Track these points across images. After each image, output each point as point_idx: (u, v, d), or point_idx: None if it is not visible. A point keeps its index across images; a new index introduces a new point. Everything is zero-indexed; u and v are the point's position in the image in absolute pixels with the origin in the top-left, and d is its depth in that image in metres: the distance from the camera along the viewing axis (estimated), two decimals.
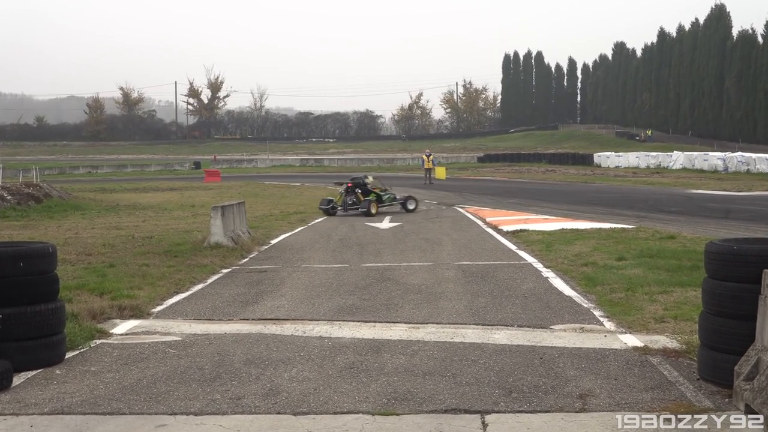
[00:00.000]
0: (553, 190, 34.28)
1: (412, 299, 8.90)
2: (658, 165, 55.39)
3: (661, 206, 23.07)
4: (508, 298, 8.87)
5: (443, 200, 27.90)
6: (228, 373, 5.99)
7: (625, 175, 47.64)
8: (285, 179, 50.34)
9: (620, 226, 16.48)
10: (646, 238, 14.07)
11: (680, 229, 15.95)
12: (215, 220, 13.83)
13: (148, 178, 58.40)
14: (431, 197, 29.61)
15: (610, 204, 24.17)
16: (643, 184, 37.73)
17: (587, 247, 12.95)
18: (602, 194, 30.14)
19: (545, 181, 43.72)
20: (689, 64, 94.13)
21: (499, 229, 16.86)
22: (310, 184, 42.82)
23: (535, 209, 22.68)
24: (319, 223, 20.09)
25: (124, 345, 6.92)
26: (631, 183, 39.39)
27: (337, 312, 8.27)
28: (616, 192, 31.63)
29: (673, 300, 8.25)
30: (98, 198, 30.10)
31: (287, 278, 10.67)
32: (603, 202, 24.87)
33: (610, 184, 39.25)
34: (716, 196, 28.51)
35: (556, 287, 9.50)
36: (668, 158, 55.06)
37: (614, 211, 21.36)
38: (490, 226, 17.79)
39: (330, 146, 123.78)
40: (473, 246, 14.11)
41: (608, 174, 49.93)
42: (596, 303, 8.44)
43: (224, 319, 8.04)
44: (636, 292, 8.75)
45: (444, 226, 18.41)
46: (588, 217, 19.62)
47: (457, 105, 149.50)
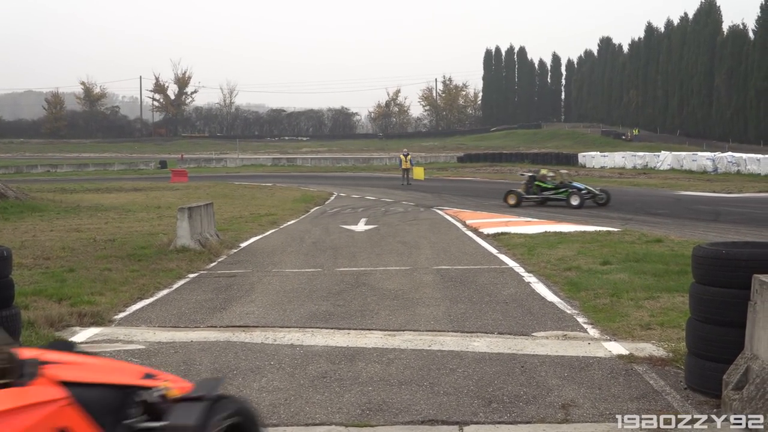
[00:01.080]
0: None
1: (388, 305, 8.90)
2: (645, 165, 55.85)
3: (648, 208, 23.27)
4: (488, 304, 8.90)
5: (421, 202, 27.95)
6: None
7: (611, 176, 47.97)
8: (256, 179, 50.15)
9: (605, 228, 16.60)
10: (632, 241, 14.18)
11: (667, 232, 16.11)
12: (182, 222, 13.75)
13: (111, 177, 57.94)
14: (409, 198, 29.65)
15: (595, 206, 24.33)
16: (630, 185, 38.04)
17: (571, 250, 13.04)
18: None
19: None
20: (678, 60, 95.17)
21: (480, 232, 16.92)
22: (282, 184, 42.70)
23: (517, 211, 22.78)
24: (292, 225, 20.05)
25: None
26: (617, 184, 39.64)
27: (310, 319, 8.25)
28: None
29: (660, 306, 8.32)
30: (57, 199, 29.80)
31: (257, 283, 10.64)
32: (588, 204, 25.02)
33: (595, 185, 39.40)
34: (705, 197, 28.82)
35: (539, 293, 9.55)
36: (656, 158, 55.55)
37: (600, 214, 21.50)
38: (470, 229, 17.85)
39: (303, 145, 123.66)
40: (452, 249, 14.15)
41: (593, 175, 50.22)
42: (580, 309, 8.49)
43: (191, 326, 7.99)
44: (621, 297, 8.81)
45: (422, 228, 18.43)
46: (572, 219, 19.73)
47: (437, 102, 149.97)
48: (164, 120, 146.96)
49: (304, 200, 29.13)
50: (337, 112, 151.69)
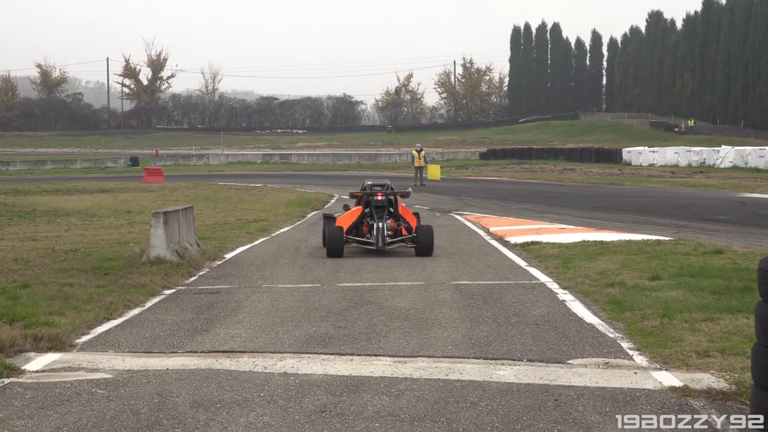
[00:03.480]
0: (572, 193, 34.46)
1: (398, 327, 8.92)
2: (703, 163, 55.78)
3: (706, 214, 23.24)
4: (515, 325, 8.91)
5: (437, 205, 27.97)
6: (170, 418, 5.96)
7: (662, 175, 47.94)
8: (243, 179, 50.28)
9: (655, 237, 16.59)
10: (687, 252, 14.16)
11: (729, 241, 16.10)
12: (156, 229, 13.79)
13: (72, 177, 58.17)
14: (423, 202, 29.65)
15: (643, 210, 24.30)
16: (684, 186, 38.00)
17: (614, 263, 13.03)
18: (633, 198, 30.31)
19: (562, 183, 43.92)
20: (742, 38, 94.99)
21: (506, 241, 16.94)
22: (274, 185, 42.82)
23: (549, 217, 22.80)
24: (285, 233, 20.08)
25: (40, 385, 6.88)
26: (668, 185, 39.64)
27: (306, 343, 8.26)
28: (650, 196, 31.83)
29: (720, 329, 8.31)
30: (9, 202, 29.93)
31: (245, 301, 10.66)
32: (634, 209, 25.01)
33: (642, 186, 39.50)
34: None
35: (575, 313, 9.57)
36: (715, 154, 55.45)
37: (648, 220, 21.48)
38: (494, 237, 17.89)
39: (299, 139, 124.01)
40: (474, 261, 14.18)
41: (640, 174, 50.23)
42: (624, 332, 8.49)
43: (166, 352, 8.01)
44: (674, 319, 8.79)
45: (438, 237, 18.33)
46: (615, 226, 19.71)
47: (455, 89, 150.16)
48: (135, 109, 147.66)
49: (300, 204, 29.19)
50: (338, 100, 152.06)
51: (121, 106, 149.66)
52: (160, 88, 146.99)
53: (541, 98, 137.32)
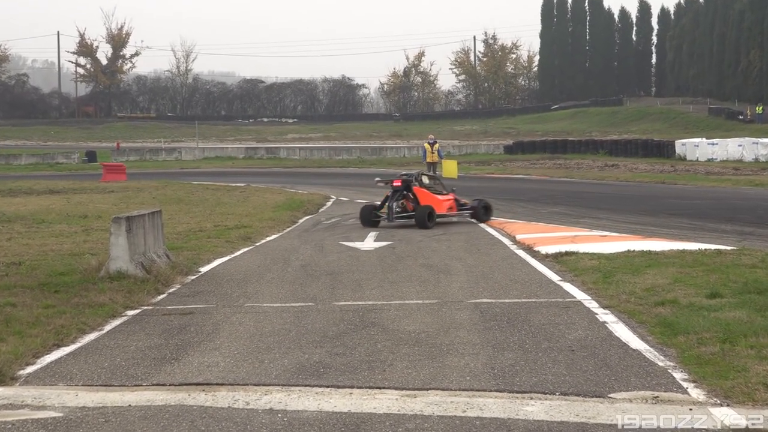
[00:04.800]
0: (615, 194, 34.39)
1: (406, 354, 8.93)
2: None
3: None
4: (546, 352, 8.91)
5: None
6: None
7: (723, 173, 47.85)
8: (222, 177, 50.31)
9: (714, 247, 16.55)
10: (753, 265, 14.12)
11: None
12: (117, 237, 13.79)
13: (16, 174, 58.26)
14: None
15: (700, 215, 24.27)
16: (750, 186, 37.91)
17: (664, 277, 13.01)
18: (688, 200, 30.25)
19: (603, 181, 43.85)
20: None
21: (535, 251, 16.95)
22: (259, 184, 42.79)
23: (588, 222, 22.82)
24: (272, 242, 20.10)
25: None
26: (730, 184, 39.55)
27: (297, 373, 8.27)
28: (709, 197, 31.77)
29: None
30: None
31: (223, 323, 10.68)
32: (689, 212, 24.96)
33: (699, 185, 39.41)
34: None
35: (618, 336, 9.56)
36: None
37: (705, 226, 21.47)
38: (521, 247, 17.91)
39: (289, 129, 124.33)
40: (496, 276, 14.18)
41: (697, 170, 50.11)
42: (677, 360, 8.47)
43: (128, 385, 8.01)
44: (737, 344, 8.77)
45: (454, 246, 18.49)
46: (666, 233, 19.71)
47: (475, 69, 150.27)
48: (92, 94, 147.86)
49: (290, 207, 29.19)
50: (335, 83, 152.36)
51: (75, 90, 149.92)
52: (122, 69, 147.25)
53: (578, 81, 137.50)
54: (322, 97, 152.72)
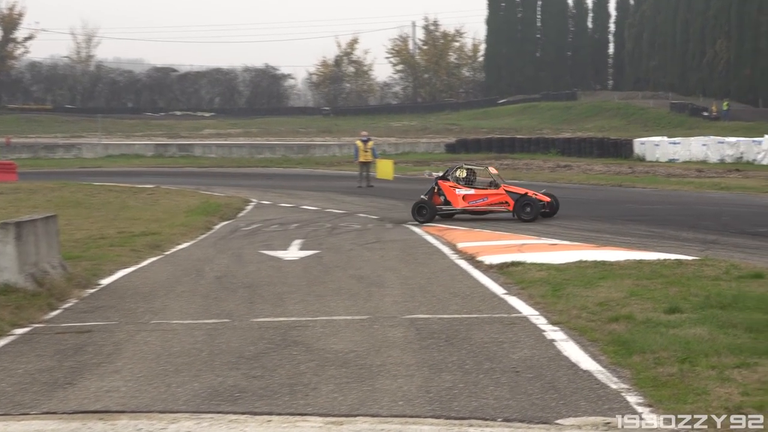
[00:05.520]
0: (568, 198, 34.52)
1: (332, 376, 8.92)
2: (740, 158, 56.32)
3: (743, 225, 23.44)
4: (488, 373, 8.95)
5: (389, 214, 28.01)
6: None
7: (686, 175, 48.35)
8: (129, 178, 49.86)
9: (674, 256, 16.70)
10: (716, 276, 14.29)
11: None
12: (5, 245, 13.62)
13: None
14: (369, 208, 29.85)
15: (660, 221, 24.49)
16: (714, 189, 38.26)
17: (620, 290, 13.12)
18: (647, 205, 30.54)
19: (555, 184, 43.98)
20: None
21: (478, 262, 16.99)
22: (171, 186, 42.47)
23: (536, 229, 22.95)
24: (184, 250, 19.99)
25: None
26: (693, 187, 39.92)
27: (209, 398, 8.24)
28: (670, 202, 32.10)
29: (758, 378, 8.40)
30: None
31: (126, 343, 10.60)
32: (648, 219, 25.19)
33: (659, 188, 39.79)
34: None
35: (568, 356, 9.63)
36: (756, 147, 56.00)
37: (665, 233, 21.68)
38: (462, 257, 17.93)
39: (206, 124, 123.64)
40: (435, 289, 14.19)
41: (657, 172, 50.59)
42: (632, 382, 8.54)
43: (14, 414, 7.92)
44: (697, 364, 8.88)
45: (389, 255, 18.51)
46: (622, 241, 19.91)
47: (414, 59, 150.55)
48: None
49: (206, 211, 29.02)
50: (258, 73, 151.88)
51: None
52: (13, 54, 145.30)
53: (528, 72, 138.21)
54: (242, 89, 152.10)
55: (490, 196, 25.92)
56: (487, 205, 25.99)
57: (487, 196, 25.96)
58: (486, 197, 25.96)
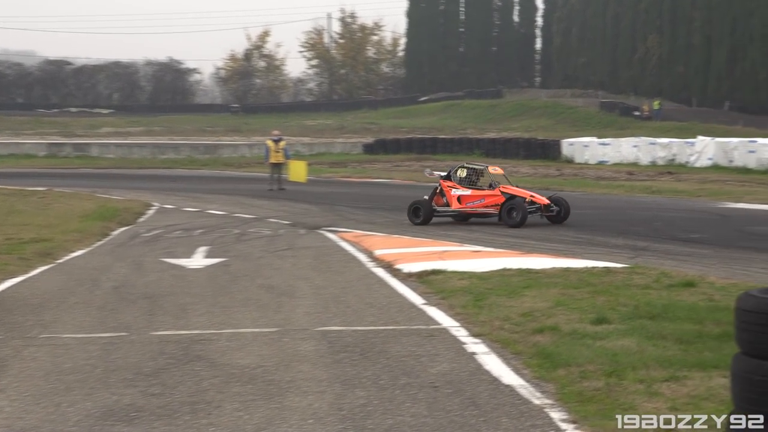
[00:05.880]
0: None
1: (237, 393, 8.87)
2: (672, 160, 56.94)
3: (675, 231, 23.76)
4: (405, 389, 8.95)
5: (302, 219, 27.94)
6: None
7: (616, 177, 48.82)
8: (17, 179, 49.21)
9: (603, 264, 16.88)
10: (646, 285, 14.45)
11: (705, 270, 16.48)
12: None
13: None
14: (281, 213, 29.77)
15: (588, 227, 24.76)
16: (645, 193, 38.69)
17: (545, 300, 13.21)
18: (575, 210, 30.63)
19: None
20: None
21: (396, 270, 17.01)
22: (64, 189, 41.97)
23: (459, 235, 23.08)
24: (78, 258, 19.78)
25: None
26: (624, 190, 40.30)
27: (103, 419, 8.15)
28: (599, 206, 32.39)
29: (688, 392, 8.47)
30: None
31: (12, 359, 10.44)
32: (575, 224, 25.40)
33: (588, 191, 40.13)
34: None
35: (489, 370, 9.65)
36: (689, 148, 56.66)
37: (594, 239, 21.91)
38: (380, 264, 17.96)
39: (104, 122, 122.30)
40: (349, 299, 14.20)
41: (586, 175, 51.08)
42: (556, 397, 8.59)
43: None
44: (624, 378, 8.95)
45: (301, 263, 18.51)
46: (548, 248, 20.07)
47: (330, 53, 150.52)
48: None
49: (103, 216, 28.72)
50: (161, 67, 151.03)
51: None
52: None
53: (451, 68, 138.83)
54: (144, 84, 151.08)
55: (487, 198, 25.96)
56: (484, 207, 26.06)
57: (483, 198, 26.07)
58: (483, 199, 26.06)
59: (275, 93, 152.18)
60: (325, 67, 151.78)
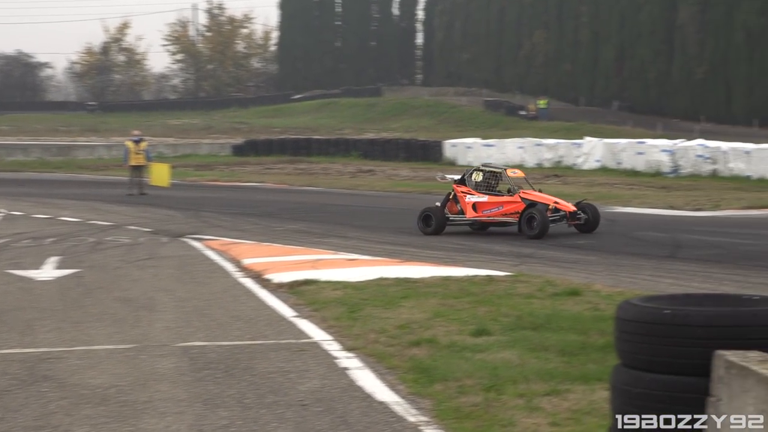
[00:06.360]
0: (370, 207, 34.88)
1: (88, 416, 8.76)
2: (559, 162, 57.70)
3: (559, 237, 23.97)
4: (271, 408, 8.93)
5: (164, 226, 27.72)
6: None
7: None
8: None
9: (485, 272, 17.01)
10: (530, 294, 14.60)
11: (591, 277, 16.76)
12: None
13: None
14: (142, 220, 29.54)
15: (472, 233, 24.96)
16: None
17: (423, 311, 13.27)
18: None
19: (356, 191, 44.43)
20: None
21: (266, 280, 16.95)
22: None
23: (334, 242, 23.14)
24: None
25: None
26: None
27: None
28: None
29: (568, 407, 8.60)
30: None
31: None
32: (456, 230, 25.55)
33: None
34: (658, 217, 30.20)
35: (362, 386, 9.67)
36: (576, 149, 57.45)
37: (477, 246, 22.10)
38: (249, 274, 17.88)
39: None
40: (214, 312, 14.14)
41: None
42: (432, 414, 8.62)
43: None
44: (504, 393, 9.03)
45: (163, 274, 18.37)
46: (429, 256, 20.18)
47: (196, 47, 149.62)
48: None
49: None
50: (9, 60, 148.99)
51: None
52: None
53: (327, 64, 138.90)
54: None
55: (506, 205, 24.55)
56: (502, 215, 24.68)
57: (502, 205, 24.66)
58: (501, 206, 24.66)
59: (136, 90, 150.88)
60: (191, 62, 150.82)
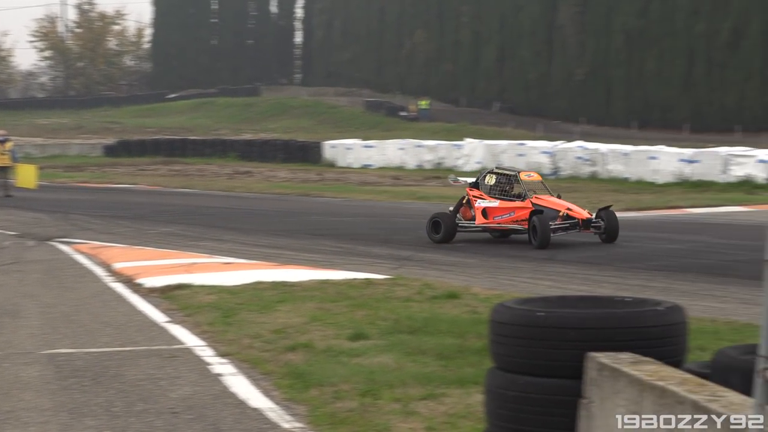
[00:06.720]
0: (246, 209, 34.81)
1: None
2: (440, 164, 57.96)
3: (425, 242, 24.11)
4: (141, 416, 8.87)
5: (31, 229, 27.33)
6: None
7: (380, 182, 49.42)
8: None
9: (364, 275, 17.09)
10: (408, 297, 14.68)
11: (470, 280, 16.92)
12: None
13: None
14: (8, 223, 29.10)
15: (350, 235, 24.99)
16: (411, 199, 39.22)
17: (300, 315, 13.29)
18: (336, 218, 31.08)
19: (232, 193, 44.33)
20: None
21: (138, 285, 16.79)
22: None
23: (209, 245, 23.03)
24: None
25: None
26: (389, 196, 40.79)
27: None
28: (362, 213, 32.72)
29: (445, 411, 8.65)
30: None
31: None
32: (336, 233, 25.64)
33: (351, 198, 40.53)
34: None
35: (235, 393, 9.65)
36: (457, 151, 57.81)
37: (355, 249, 22.15)
38: (119, 279, 17.71)
39: None
40: (82, 317, 13.98)
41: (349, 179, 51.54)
42: (307, 420, 8.64)
43: None
44: (380, 397, 9.07)
45: (29, 279, 18.14)
46: (306, 259, 20.25)
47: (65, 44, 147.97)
48: None
49: None
50: None
51: None
52: None
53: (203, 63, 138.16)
54: None
55: (518, 211, 23.10)
56: (513, 221, 23.22)
57: (513, 211, 23.20)
58: (513, 212, 23.19)
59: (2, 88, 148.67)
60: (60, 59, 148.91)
